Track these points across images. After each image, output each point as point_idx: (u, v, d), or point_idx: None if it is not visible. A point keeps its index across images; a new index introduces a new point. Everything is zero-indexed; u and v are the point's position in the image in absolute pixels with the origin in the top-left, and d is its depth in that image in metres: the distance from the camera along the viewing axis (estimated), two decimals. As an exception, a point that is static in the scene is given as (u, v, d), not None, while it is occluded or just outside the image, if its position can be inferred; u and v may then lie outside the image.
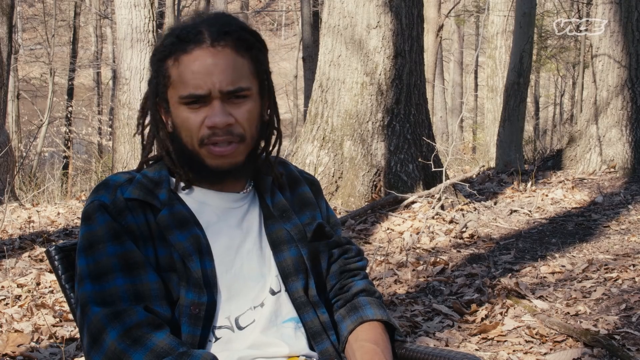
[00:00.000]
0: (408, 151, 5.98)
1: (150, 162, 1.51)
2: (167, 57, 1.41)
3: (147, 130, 1.53)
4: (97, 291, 1.35)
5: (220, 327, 1.42)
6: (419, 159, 5.99)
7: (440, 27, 14.98)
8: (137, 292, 1.36)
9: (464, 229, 5.26)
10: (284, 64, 26.85)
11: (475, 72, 23.86)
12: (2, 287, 3.92)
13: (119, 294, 1.34)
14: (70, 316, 3.48)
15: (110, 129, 17.78)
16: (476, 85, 24.47)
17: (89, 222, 1.39)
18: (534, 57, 13.40)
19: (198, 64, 1.38)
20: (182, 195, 1.47)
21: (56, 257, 1.53)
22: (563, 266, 4.41)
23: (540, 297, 3.81)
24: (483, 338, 3.30)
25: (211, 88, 1.38)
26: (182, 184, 1.47)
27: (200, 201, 1.47)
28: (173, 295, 1.40)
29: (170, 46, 1.41)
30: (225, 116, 1.39)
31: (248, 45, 1.43)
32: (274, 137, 1.54)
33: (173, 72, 1.40)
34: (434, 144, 6.20)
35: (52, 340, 3.21)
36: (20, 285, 3.96)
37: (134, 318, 1.32)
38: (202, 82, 1.38)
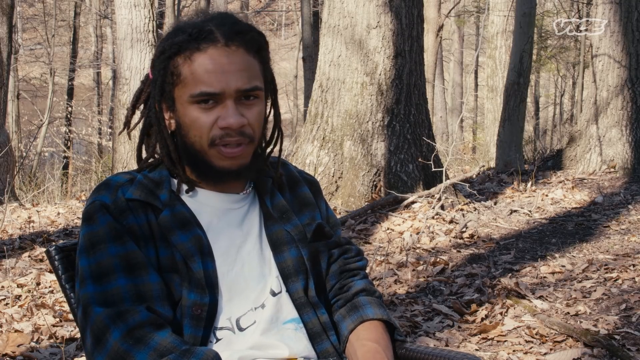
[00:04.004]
0: (408, 151, 5.98)
1: (150, 161, 1.51)
2: (177, 55, 1.39)
3: (138, 128, 1.52)
4: (99, 292, 1.35)
5: (221, 329, 1.42)
6: (419, 159, 5.99)
7: (440, 27, 14.98)
8: (139, 293, 1.35)
9: (464, 229, 5.26)
10: (284, 64, 26.86)
11: (475, 72, 23.87)
12: (2, 287, 3.92)
13: (121, 295, 1.34)
14: (70, 316, 3.48)
15: (110, 129, 17.79)
16: (476, 85, 24.48)
17: (90, 222, 1.39)
18: (534, 57, 13.41)
19: (213, 63, 1.37)
20: (183, 196, 1.47)
21: (56, 257, 1.53)
22: (563, 266, 4.41)
23: (540, 297, 3.81)
24: (483, 338, 3.30)
25: (225, 87, 1.37)
26: (185, 187, 1.46)
27: (201, 202, 1.47)
28: (175, 296, 1.40)
29: (181, 44, 1.39)
30: (239, 117, 1.38)
31: (258, 46, 1.43)
32: (275, 138, 1.55)
33: (184, 69, 1.39)
34: (434, 144, 6.20)
35: (52, 340, 3.21)
36: (20, 285, 3.97)
37: (137, 318, 1.33)
38: (216, 80, 1.37)
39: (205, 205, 1.47)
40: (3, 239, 5.19)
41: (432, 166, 5.92)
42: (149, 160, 1.51)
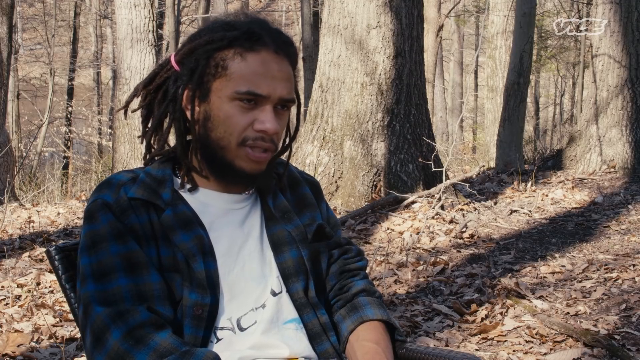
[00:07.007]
0: (408, 151, 5.98)
1: (157, 158, 1.50)
2: (226, 48, 1.40)
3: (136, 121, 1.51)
4: (100, 291, 1.35)
5: (222, 329, 1.42)
6: (419, 159, 5.99)
7: (440, 27, 14.98)
8: (139, 292, 1.35)
9: (464, 229, 5.26)
10: (284, 64, 26.77)
11: (475, 72, 23.88)
12: (2, 287, 3.93)
13: (122, 294, 1.34)
14: (70, 316, 3.48)
15: (110, 129, 17.80)
16: (476, 85, 24.49)
17: (92, 220, 1.38)
18: (534, 57, 13.41)
19: (264, 66, 1.39)
20: (185, 195, 1.46)
21: (56, 257, 1.53)
22: (563, 266, 4.41)
23: (540, 297, 3.81)
24: (483, 338, 3.30)
25: (272, 92, 1.39)
26: (188, 185, 1.46)
27: (203, 201, 1.47)
28: (175, 295, 1.39)
29: (233, 38, 1.40)
30: (276, 124, 1.41)
31: (295, 60, 1.46)
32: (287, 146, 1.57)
33: (232, 64, 1.39)
34: (434, 144, 6.20)
35: (52, 340, 3.22)
36: (20, 285, 3.97)
37: (137, 318, 1.32)
38: (265, 83, 1.39)
39: (208, 204, 1.47)
40: (3, 239, 5.20)
41: (432, 166, 5.92)
42: (156, 157, 1.50)
